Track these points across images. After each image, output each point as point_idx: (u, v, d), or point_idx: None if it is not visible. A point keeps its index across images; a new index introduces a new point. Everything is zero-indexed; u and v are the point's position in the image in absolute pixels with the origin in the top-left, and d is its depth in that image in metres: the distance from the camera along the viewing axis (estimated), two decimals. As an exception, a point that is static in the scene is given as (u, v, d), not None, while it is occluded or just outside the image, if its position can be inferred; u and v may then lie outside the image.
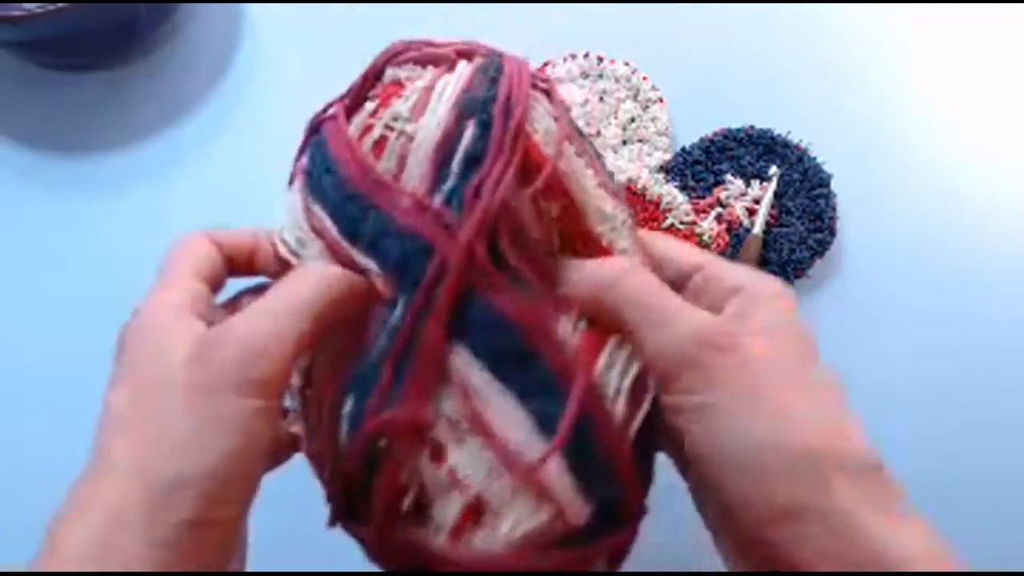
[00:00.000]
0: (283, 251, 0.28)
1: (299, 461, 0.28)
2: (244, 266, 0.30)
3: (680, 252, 0.29)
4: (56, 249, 0.48)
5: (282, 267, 0.28)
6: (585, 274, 0.27)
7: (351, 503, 0.26)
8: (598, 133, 0.51)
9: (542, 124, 0.27)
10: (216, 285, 0.29)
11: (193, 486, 0.22)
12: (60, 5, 0.45)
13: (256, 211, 0.29)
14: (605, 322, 0.26)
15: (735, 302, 0.26)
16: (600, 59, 0.52)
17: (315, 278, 0.25)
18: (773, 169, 0.49)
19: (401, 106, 0.27)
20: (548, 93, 0.28)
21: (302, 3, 0.56)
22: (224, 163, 0.51)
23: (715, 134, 0.50)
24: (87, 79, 0.53)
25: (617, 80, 0.52)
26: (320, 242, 0.27)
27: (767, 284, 0.26)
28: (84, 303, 0.46)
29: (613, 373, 0.26)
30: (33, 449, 0.42)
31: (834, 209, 0.48)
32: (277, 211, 0.29)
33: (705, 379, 0.24)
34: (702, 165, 0.49)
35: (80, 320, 0.46)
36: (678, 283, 0.28)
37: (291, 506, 0.31)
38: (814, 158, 0.49)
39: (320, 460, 0.27)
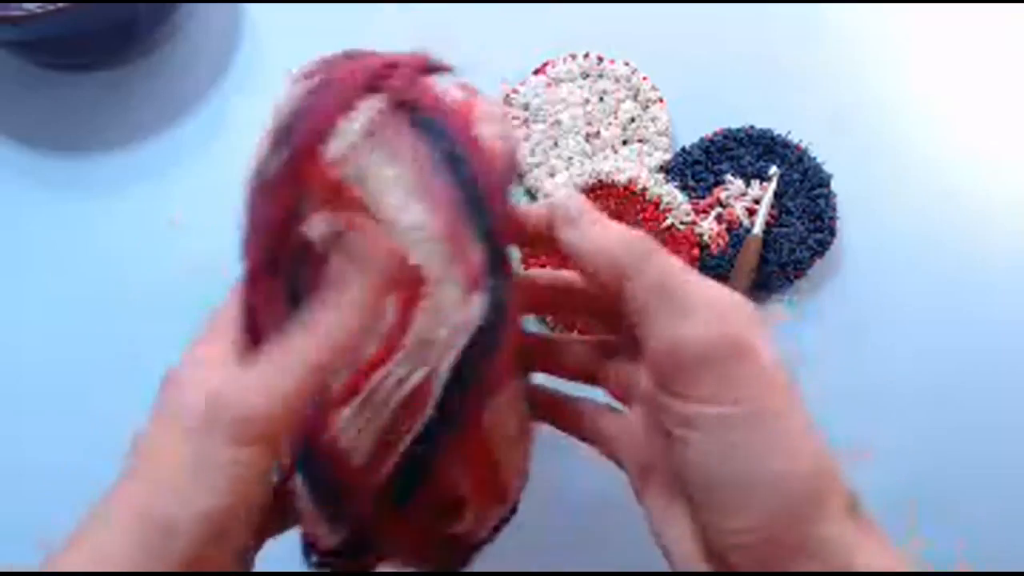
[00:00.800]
0: None
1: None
2: None
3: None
4: (56, 249, 0.48)
5: None
6: (609, 235, 0.26)
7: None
8: (598, 133, 0.51)
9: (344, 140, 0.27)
10: None
11: (183, 531, 0.22)
12: (60, 5, 0.45)
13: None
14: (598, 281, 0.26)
15: None
16: (600, 59, 0.52)
17: (321, 334, 0.25)
18: (773, 169, 0.49)
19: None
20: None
21: (302, 3, 0.56)
22: (224, 163, 0.51)
23: (715, 134, 0.50)
24: (87, 79, 0.53)
25: (617, 80, 0.52)
26: None
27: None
28: (84, 303, 0.46)
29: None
30: (33, 449, 0.42)
31: (834, 209, 0.48)
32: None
33: (716, 384, 0.23)
34: (702, 165, 0.49)
35: (80, 320, 0.46)
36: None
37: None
38: (814, 158, 0.49)
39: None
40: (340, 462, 0.26)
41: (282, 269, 0.27)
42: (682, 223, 0.47)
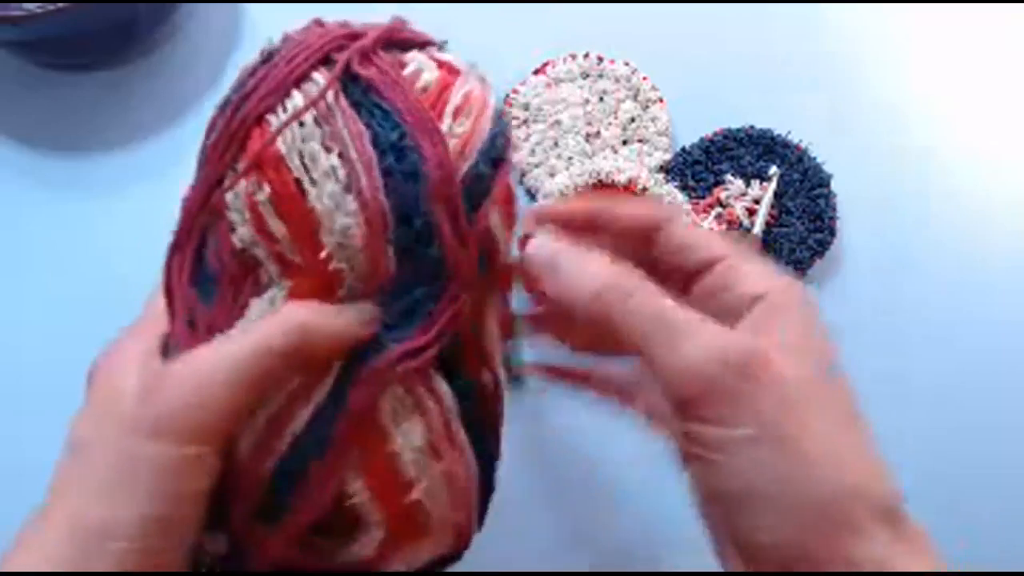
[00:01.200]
0: None
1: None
2: None
3: (704, 240, 0.27)
4: (56, 249, 0.48)
5: None
6: (589, 274, 0.25)
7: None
8: (598, 133, 0.51)
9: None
10: None
11: (120, 536, 0.21)
12: (60, 5, 0.45)
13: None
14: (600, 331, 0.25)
15: (757, 311, 0.25)
16: (600, 59, 0.52)
17: (271, 326, 0.23)
18: (773, 169, 0.49)
19: None
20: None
21: (302, 3, 0.56)
22: (224, 163, 0.51)
23: (715, 134, 0.50)
24: (87, 79, 0.53)
25: (617, 80, 0.52)
26: None
27: (791, 292, 0.25)
28: (84, 303, 0.46)
29: None
30: (33, 449, 0.42)
31: (834, 209, 0.48)
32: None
33: (732, 408, 0.22)
34: (702, 165, 0.49)
35: (80, 320, 0.46)
36: (697, 272, 0.27)
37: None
38: (814, 158, 0.49)
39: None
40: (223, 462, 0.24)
41: (193, 239, 0.26)
42: (682, 223, 0.47)
